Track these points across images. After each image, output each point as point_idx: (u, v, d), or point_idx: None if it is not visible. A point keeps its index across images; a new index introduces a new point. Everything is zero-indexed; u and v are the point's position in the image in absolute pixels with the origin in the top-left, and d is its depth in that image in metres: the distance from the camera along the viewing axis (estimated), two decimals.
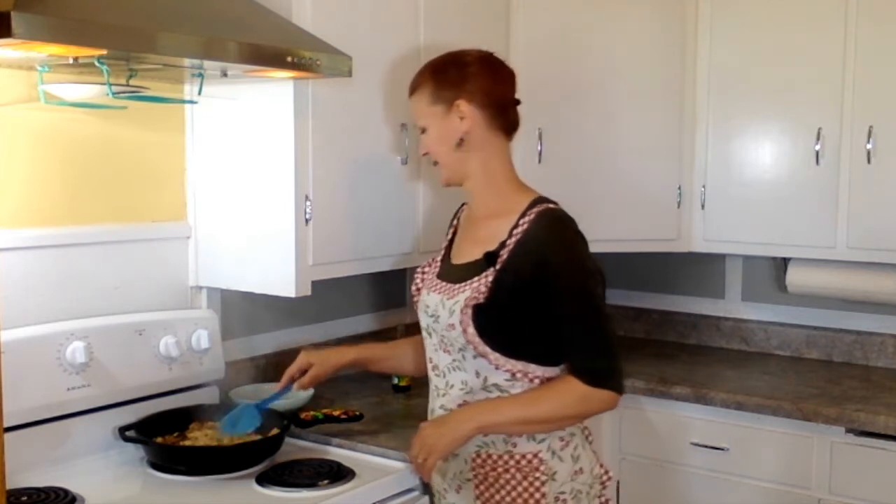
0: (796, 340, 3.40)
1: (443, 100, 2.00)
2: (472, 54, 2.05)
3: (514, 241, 1.94)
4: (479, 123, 2.00)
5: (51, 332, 2.14)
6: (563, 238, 1.95)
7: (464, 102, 1.98)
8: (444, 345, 2.01)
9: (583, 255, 1.96)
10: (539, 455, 1.96)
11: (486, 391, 1.97)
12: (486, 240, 1.99)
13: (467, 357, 1.96)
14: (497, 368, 1.95)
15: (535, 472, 1.96)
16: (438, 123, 2.02)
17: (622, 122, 3.16)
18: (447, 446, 1.94)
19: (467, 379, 1.98)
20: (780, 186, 3.05)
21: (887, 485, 2.61)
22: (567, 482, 1.98)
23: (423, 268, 2.15)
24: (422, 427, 1.99)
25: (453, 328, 1.95)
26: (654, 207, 3.20)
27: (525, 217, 1.96)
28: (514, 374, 1.95)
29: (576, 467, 1.99)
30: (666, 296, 3.65)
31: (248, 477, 2.09)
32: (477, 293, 1.92)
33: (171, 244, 2.51)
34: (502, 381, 1.96)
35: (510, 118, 2.05)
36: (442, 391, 2.04)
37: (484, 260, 1.96)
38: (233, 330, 2.67)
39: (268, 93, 2.36)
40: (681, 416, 2.93)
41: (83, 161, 2.29)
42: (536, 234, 1.93)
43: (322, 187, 2.41)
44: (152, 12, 1.85)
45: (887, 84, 2.85)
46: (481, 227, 2.04)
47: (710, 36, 3.15)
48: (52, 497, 1.94)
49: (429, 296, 2.05)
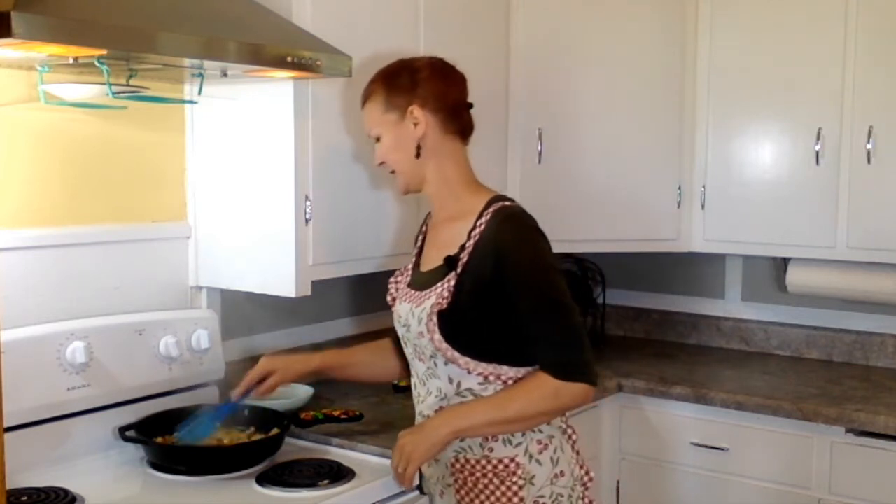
0: (796, 340, 3.40)
1: (396, 107, 2.00)
2: (423, 60, 2.07)
3: (472, 243, 1.94)
4: (433, 128, 2.00)
5: (51, 332, 2.14)
6: (519, 234, 1.94)
7: (417, 108, 1.98)
8: (418, 353, 2.02)
9: (540, 249, 1.94)
10: (516, 459, 1.96)
11: (461, 396, 1.97)
12: (447, 244, 1.99)
13: (438, 364, 1.97)
14: (469, 373, 1.94)
15: (513, 477, 1.96)
16: (393, 131, 2.02)
17: (622, 123, 3.16)
18: (424, 454, 1.95)
19: (441, 386, 1.99)
20: (780, 186, 3.05)
21: (887, 485, 2.61)
22: (546, 486, 1.97)
23: (395, 277, 2.15)
24: (400, 436, 2.00)
25: (422, 336, 1.96)
26: (654, 207, 3.20)
27: (482, 218, 1.95)
28: (487, 377, 1.95)
29: (555, 470, 1.98)
30: (666, 296, 3.64)
31: (248, 477, 2.09)
32: (440, 299, 1.92)
33: (171, 244, 2.51)
34: (475, 386, 1.96)
35: (464, 121, 2.05)
36: (421, 398, 2.06)
37: (445, 265, 1.96)
38: (233, 330, 2.67)
39: (268, 93, 2.36)
40: (681, 416, 2.93)
41: (83, 161, 2.29)
42: (492, 233, 1.92)
43: (322, 187, 2.41)
44: (152, 12, 1.85)
45: (887, 84, 2.85)
46: (442, 232, 2.04)
47: (710, 36, 3.15)
48: (52, 497, 1.94)
49: (401, 305, 2.06)
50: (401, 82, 2.01)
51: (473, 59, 2.83)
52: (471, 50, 2.84)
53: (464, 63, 2.20)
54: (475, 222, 1.96)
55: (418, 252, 2.15)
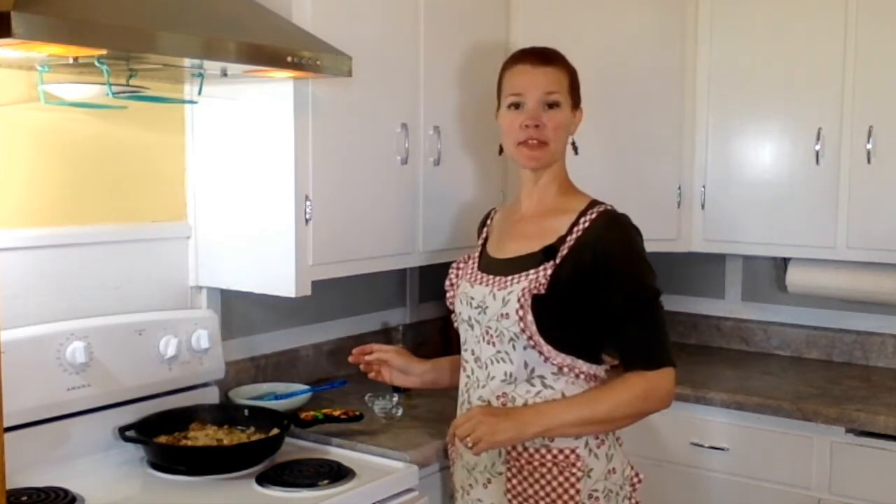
0: (796, 340, 3.40)
1: (575, 96, 2.14)
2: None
3: (574, 237, 2.01)
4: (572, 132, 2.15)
5: (51, 332, 2.14)
6: (624, 234, 2.03)
7: (581, 113, 2.16)
8: (490, 336, 2.03)
9: (640, 250, 2.04)
10: (576, 451, 1.99)
11: (530, 383, 2.00)
12: (543, 234, 2.05)
13: (517, 347, 2.00)
14: (546, 361, 1.99)
15: (572, 468, 1.99)
16: (569, 112, 2.12)
17: (622, 122, 3.16)
18: (504, 442, 1.96)
19: (512, 370, 2.01)
20: (780, 186, 3.05)
21: (887, 485, 2.61)
22: (601, 480, 2.01)
23: (457, 263, 2.21)
24: (477, 411, 1.97)
25: (506, 317, 1.99)
26: (654, 207, 3.20)
27: (586, 216, 2.04)
28: (561, 367, 1.99)
29: (609, 466, 2.03)
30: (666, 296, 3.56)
31: (248, 477, 2.09)
32: (537, 284, 1.97)
33: (171, 244, 2.51)
34: (548, 374, 2.00)
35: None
36: (482, 382, 2.06)
37: (542, 253, 2.01)
38: (233, 330, 2.67)
39: (268, 93, 2.36)
40: (681, 416, 2.93)
41: (83, 161, 2.29)
42: (597, 230, 2.01)
43: (322, 187, 2.40)
44: (152, 12, 1.85)
45: (887, 84, 2.85)
46: (531, 224, 2.10)
47: (710, 36, 3.16)
48: (52, 497, 1.94)
49: (473, 288, 2.09)
50: (578, 82, 2.16)
51: (473, 59, 2.85)
52: (471, 50, 2.84)
53: (464, 63, 2.21)
54: (578, 219, 2.04)
55: (484, 243, 2.21)
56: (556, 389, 2.00)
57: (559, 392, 2.00)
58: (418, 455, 2.25)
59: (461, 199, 2.86)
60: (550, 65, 2.11)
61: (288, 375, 2.82)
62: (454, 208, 2.84)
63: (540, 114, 2.07)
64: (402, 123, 2.62)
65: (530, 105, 2.07)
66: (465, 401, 2.10)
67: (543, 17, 3.07)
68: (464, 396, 2.11)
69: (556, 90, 2.09)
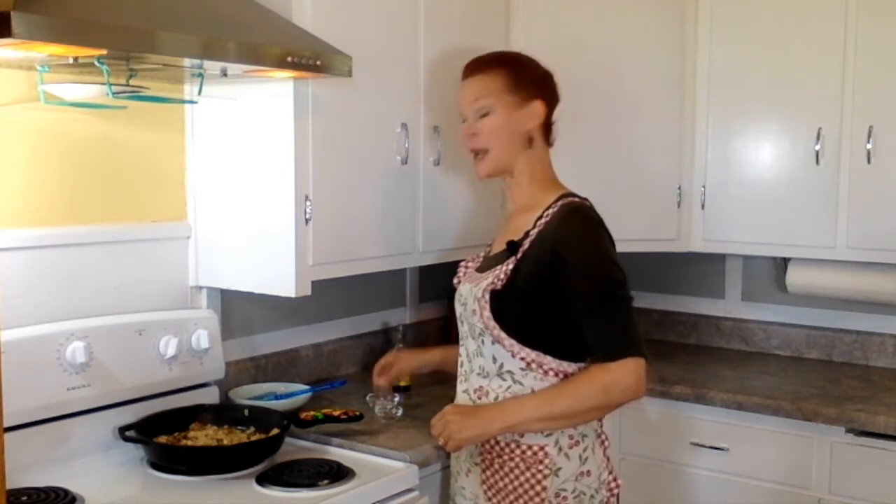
0: (796, 340, 3.40)
1: (520, 92, 2.07)
2: (542, 64, 2.15)
3: (536, 230, 2.02)
4: (540, 126, 2.10)
5: (51, 332, 2.14)
6: (580, 227, 2.01)
7: (540, 103, 2.08)
8: (471, 331, 2.08)
9: (600, 243, 2.00)
10: (545, 449, 2.00)
11: (501, 378, 2.02)
12: (514, 232, 2.08)
13: (486, 342, 2.03)
14: (513, 356, 2.00)
15: (539, 465, 2.00)
16: (507, 113, 2.08)
17: (622, 122, 3.16)
18: (469, 439, 2.01)
19: (484, 364, 2.05)
20: (780, 186, 3.05)
21: (887, 485, 2.61)
22: (570, 481, 2.00)
23: (465, 262, 2.23)
24: (449, 410, 2.05)
25: (475, 313, 2.03)
26: (654, 207, 3.20)
27: (549, 209, 2.04)
28: (529, 363, 2.00)
29: (582, 468, 2.02)
30: (666, 296, 3.65)
31: (248, 477, 2.09)
32: (496, 279, 2.00)
33: (171, 244, 2.51)
34: (516, 370, 2.01)
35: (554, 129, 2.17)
36: (466, 376, 2.11)
37: (507, 249, 2.05)
38: (233, 330, 2.67)
39: (268, 93, 2.36)
40: (681, 416, 2.93)
41: (83, 161, 2.29)
42: (554, 224, 2.00)
43: (322, 187, 2.40)
44: (152, 12, 1.85)
45: (887, 84, 2.85)
46: (512, 222, 2.14)
47: (710, 36, 3.16)
48: (52, 497, 1.94)
49: (463, 286, 2.14)
50: (530, 73, 2.10)
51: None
52: (470, 50, 2.83)
53: (464, 63, 2.21)
54: (543, 212, 2.04)
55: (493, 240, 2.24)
56: (525, 385, 2.01)
57: (528, 388, 2.00)
58: (418, 455, 2.25)
59: (461, 199, 2.87)
60: (478, 73, 2.11)
61: (288, 375, 2.82)
62: (454, 208, 2.85)
63: (473, 124, 2.09)
64: (402, 123, 2.62)
65: (469, 117, 2.11)
66: (457, 392, 2.15)
67: (543, 17, 3.07)
68: (457, 388, 2.16)
69: (483, 96, 2.08)
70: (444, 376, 2.41)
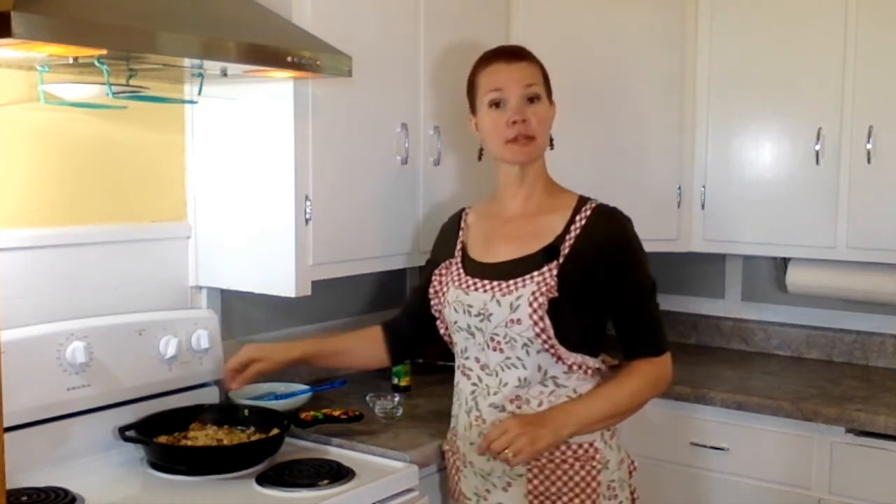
0: (796, 340, 3.40)
1: (548, 90, 2.12)
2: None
3: (574, 235, 2.02)
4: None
5: (51, 332, 2.14)
6: (623, 227, 2.07)
7: (554, 106, 2.13)
8: (497, 342, 2.02)
9: (639, 242, 2.09)
10: (594, 444, 2.03)
11: (543, 384, 2.02)
12: (539, 235, 2.05)
13: (531, 352, 1.99)
14: (557, 361, 2.00)
15: (592, 461, 2.02)
16: (548, 106, 2.12)
17: (622, 122, 3.16)
18: (546, 448, 1.98)
19: (525, 375, 2.01)
20: (780, 186, 3.05)
21: (887, 485, 2.60)
22: (616, 470, 2.06)
23: (439, 270, 2.17)
24: (511, 423, 1.95)
25: (518, 323, 1.97)
26: (654, 207, 3.20)
27: (580, 213, 2.04)
28: (571, 366, 2.01)
29: (620, 456, 2.08)
30: (666, 296, 3.58)
31: (248, 477, 2.09)
32: (546, 287, 1.96)
33: (171, 244, 2.51)
34: (560, 374, 2.01)
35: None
36: (493, 389, 2.05)
37: (542, 254, 2.01)
38: (233, 330, 2.67)
39: (268, 93, 2.36)
40: (681, 416, 2.93)
41: (83, 161, 2.29)
42: (597, 226, 2.03)
43: (322, 187, 2.41)
44: (152, 12, 1.85)
45: (887, 84, 2.85)
46: (525, 224, 2.09)
47: (710, 36, 3.15)
48: (52, 497, 1.94)
49: (468, 295, 2.06)
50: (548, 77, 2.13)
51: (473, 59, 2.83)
52: (470, 50, 2.83)
53: (464, 63, 2.21)
54: (573, 216, 2.05)
55: (463, 246, 2.18)
56: (569, 387, 2.02)
57: (571, 389, 2.02)
58: (418, 455, 2.25)
59: (461, 199, 2.86)
60: (524, 60, 2.10)
61: (288, 375, 2.81)
62: (454, 208, 2.83)
63: (524, 108, 2.05)
64: (402, 123, 2.62)
65: (513, 101, 2.05)
66: (472, 408, 2.08)
67: (543, 17, 3.07)
68: (470, 404, 2.09)
69: (535, 83, 2.07)
70: (444, 377, 2.41)
